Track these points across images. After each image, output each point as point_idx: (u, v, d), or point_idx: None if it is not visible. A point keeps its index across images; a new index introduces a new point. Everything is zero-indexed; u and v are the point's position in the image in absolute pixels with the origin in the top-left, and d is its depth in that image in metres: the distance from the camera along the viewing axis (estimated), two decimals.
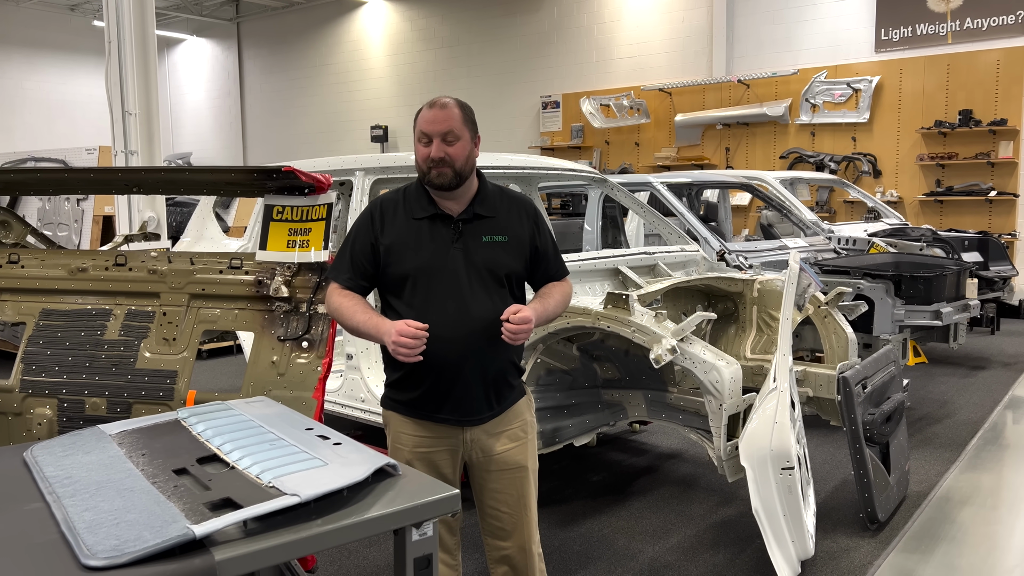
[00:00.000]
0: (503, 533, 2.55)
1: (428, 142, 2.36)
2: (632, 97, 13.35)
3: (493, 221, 2.47)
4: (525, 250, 2.51)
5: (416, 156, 2.41)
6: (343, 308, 2.37)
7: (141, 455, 1.82)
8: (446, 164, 2.35)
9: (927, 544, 3.80)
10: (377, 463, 1.70)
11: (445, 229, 2.41)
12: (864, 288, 5.48)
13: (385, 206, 2.46)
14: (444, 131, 2.36)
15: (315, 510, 1.52)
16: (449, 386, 2.40)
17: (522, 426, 2.56)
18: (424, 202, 2.44)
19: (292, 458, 1.72)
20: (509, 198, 2.55)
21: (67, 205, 7.79)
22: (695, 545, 3.80)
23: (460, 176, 2.38)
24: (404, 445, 2.47)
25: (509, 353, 2.49)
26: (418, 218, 2.42)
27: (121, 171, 2.83)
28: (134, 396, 2.65)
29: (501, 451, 2.50)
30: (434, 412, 2.43)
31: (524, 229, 2.52)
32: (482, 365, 2.41)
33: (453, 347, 2.35)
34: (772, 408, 3.15)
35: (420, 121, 2.39)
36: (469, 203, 2.45)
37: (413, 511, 1.61)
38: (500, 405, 2.49)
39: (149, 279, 2.76)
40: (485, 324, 2.38)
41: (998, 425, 5.73)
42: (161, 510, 1.49)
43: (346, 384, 4.49)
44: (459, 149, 2.37)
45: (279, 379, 2.58)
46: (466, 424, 2.45)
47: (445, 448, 2.47)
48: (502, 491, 2.52)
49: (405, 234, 2.41)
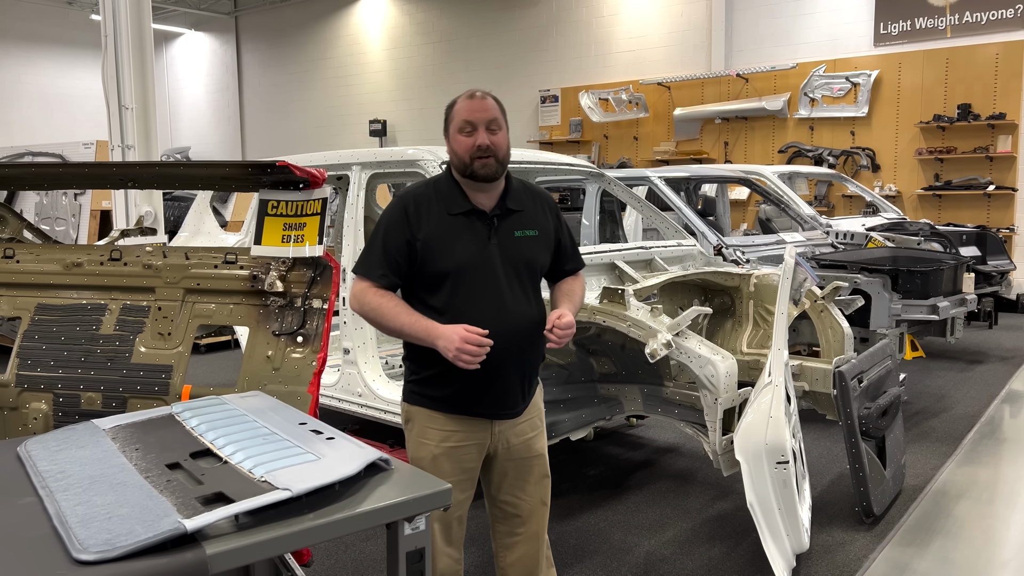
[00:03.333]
0: (518, 521, 2.57)
1: (471, 131, 2.34)
2: (631, 91, 13.33)
3: (523, 215, 2.47)
4: (551, 243, 2.53)
5: (456, 148, 2.37)
6: (383, 308, 2.32)
7: (135, 449, 1.82)
8: (491, 154, 2.34)
9: (922, 538, 3.81)
10: (369, 457, 1.70)
11: (481, 225, 2.39)
12: (861, 282, 5.48)
13: (418, 200, 2.40)
14: (489, 119, 2.36)
15: (307, 504, 1.53)
16: (489, 382, 2.38)
17: (539, 415, 2.60)
18: (459, 197, 2.41)
19: (285, 453, 1.72)
20: (532, 192, 2.56)
21: (65, 200, 7.78)
22: (691, 539, 3.81)
23: (503, 166, 2.38)
24: (431, 440, 2.44)
25: (541, 345, 2.51)
26: (454, 213, 2.39)
27: (116, 166, 2.82)
28: (129, 391, 2.65)
29: (524, 440, 2.53)
30: (471, 407, 2.42)
31: (549, 222, 2.54)
32: (520, 360, 2.43)
33: (495, 346, 2.30)
34: (767, 402, 3.16)
35: (461, 111, 2.36)
36: (500, 198, 2.44)
37: (405, 505, 1.61)
38: (529, 396, 2.53)
39: (144, 274, 2.76)
40: (523, 320, 2.40)
41: (995, 419, 5.74)
42: (153, 504, 1.49)
43: (343, 379, 4.50)
44: (502, 139, 2.38)
45: (274, 374, 2.58)
46: (500, 417, 2.47)
47: (474, 443, 2.46)
48: (522, 479, 2.54)
49: (443, 230, 2.36)
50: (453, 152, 2.39)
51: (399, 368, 5.14)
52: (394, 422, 4.26)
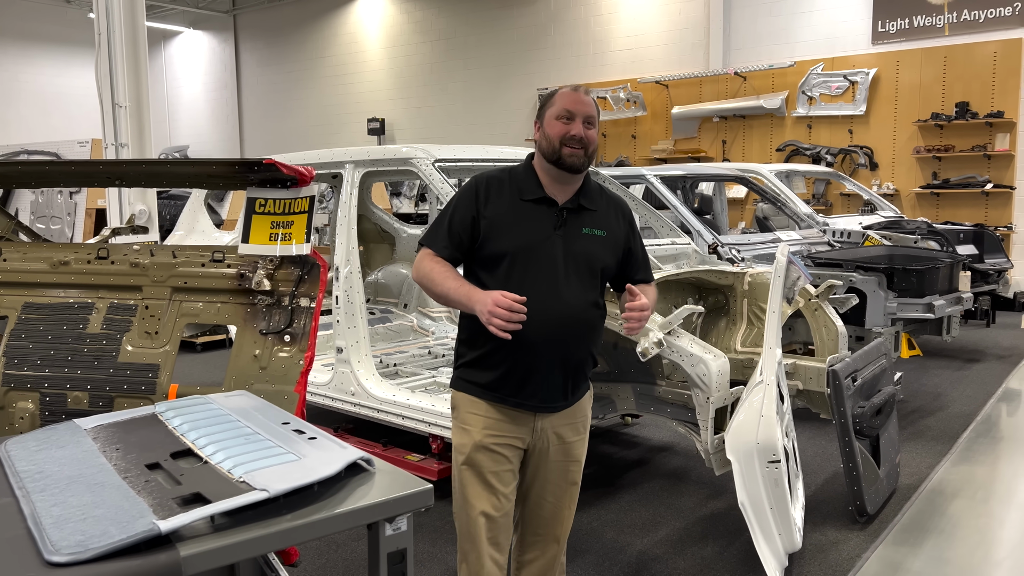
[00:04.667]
0: (540, 522, 2.56)
1: (569, 120, 2.38)
2: (629, 90, 13.32)
3: (595, 215, 2.48)
4: (619, 249, 2.53)
5: (550, 132, 2.40)
6: (434, 273, 2.37)
7: (115, 449, 1.81)
8: (582, 145, 2.37)
9: (916, 536, 3.80)
10: (350, 458, 1.69)
11: (549, 214, 2.42)
12: (856, 281, 5.47)
13: (491, 183, 2.46)
14: (589, 114, 2.39)
15: (285, 505, 1.51)
16: (530, 370, 2.38)
17: (584, 421, 2.57)
18: (533, 184, 2.45)
19: (265, 453, 1.71)
20: (608, 196, 2.57)
21: (60, 198, 7.77)
22: (684, 538, 3.80)
23: (589, 160, 2.42)
24: (472, 426, 2.44)
25: (591, 345, 2.49)
26: (526, 199, 2.42)
27: (103, 163, 2.81)
28: (116, 390, 2.63)
29: (564, 443, 2.51)
30: (511, 395, 2.41)
31: (620, 228, 2.54)
32: (566, 353, 2.41)
33: (541, 331, 2.33)
34: (758, 401, 3.14)
35: (563, 99, 2.40)
36: (575, 193, 2.46)
37: (385, 506, 1.60)
38: (574, 396, 2.50)
39: (131, 272, 2.74)
40: (575, 312, 2.39)
41: (991, 417, 5.72)
42: (130, 505, 1.48)
43: (336, 377, 4.49)
44: (594, 135, 2.42)
45: (261, 373, 2.57)
46: (541, 411, 2.44)
47: (515, 436, 2.44)
48: (555, 481, 2.53)
49: (510, 213, 2.40)
50: (545, 137, 2.42)
51: (393, 367, 5.13)
52: (388, 421, 4.25)
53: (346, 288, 4.35)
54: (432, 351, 5.56)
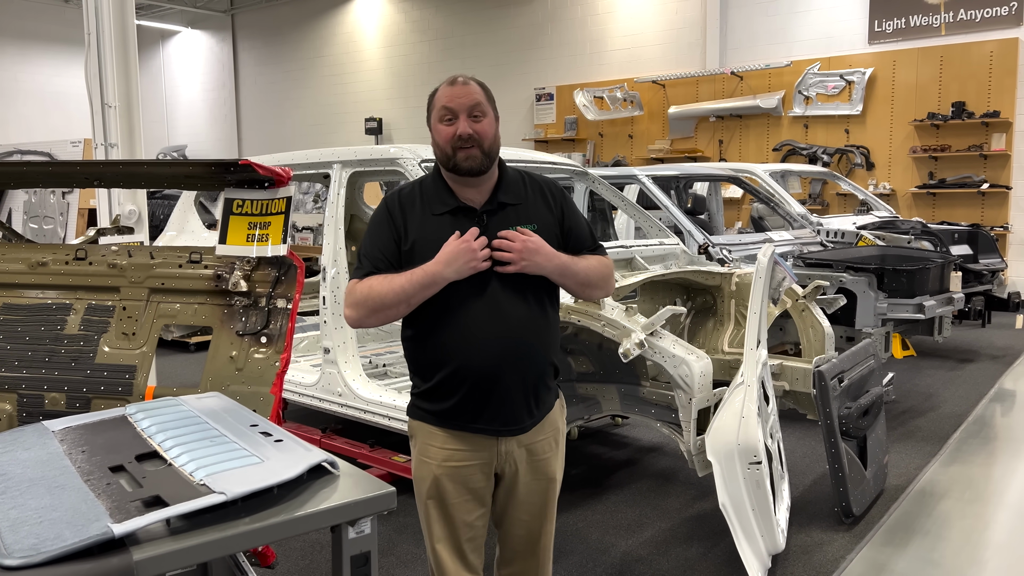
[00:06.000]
0: (519, 542, 2.42)
1: (452, 119, 2.16)
2: (626, 89, 13.31)
3: (519, 209, 2.26)
4: (556, 235, 2.29)
5: (437, 139, 2.20)
6: (376, 287, 2.14)
7: (81, 452, 1.80)
8: (474, 143, 2.15)
9: (902, 537, 3.79)
10: (313, 460, 1.68)
11: (469, 223, 2.19)
12: (846, 281, 5.46)
13: (403, 200, 2.25)
14: (470, 104, 2.16)
15: (244, 508, 1.51)
16: (487, 393, 2.20)
17: (555, 435, 2.38)
18: (444, 194, 2.24)
19: (229, 455, 1.70)
20: (532, 182, 2.34)
21: (53, 198, 7.77)
22: (668, 539, 3.79)
23: (489, 157, 2.19)
24: (432, 459, 2.27)
25: (548, 353, 2.29)
26: (438, 213, 2.21)
27: (80, 164, 2.80)
28: (93, 391, 2.63)
29: (535, 462, 2.33)
30: (470, 422, 2.23)
31: (553, 213, 2.31)
32: (521, 368, 2.21)
33: (489, 351, 2.16)
34: (739, 402, 3.13)
35: (440, 98, 2.19)
36: (492, 192, 2.25)
37: (346, 508, 1.59)
38: (539, 411, 2.30)
39: (109, 273, 2.74)
40: (521, 324, 2.19)
41: (982, 418, 5.71)
42: (87, 508, 1.47)
43: (323, 378, 4.48)
44: (486, 126, 2.18)
45: (237, 374, 2.56)
46: (504, 434, 2.25)
47: (478, 462, 2.26)
48: (527, 502, 2.36)
49: (427, 231, 2.19)
50: (435, 144, 2.22)
51: (382, 367, 5.12)
52: (374, 422, 4.24)
53: (333, 289, 4.35)
54: None
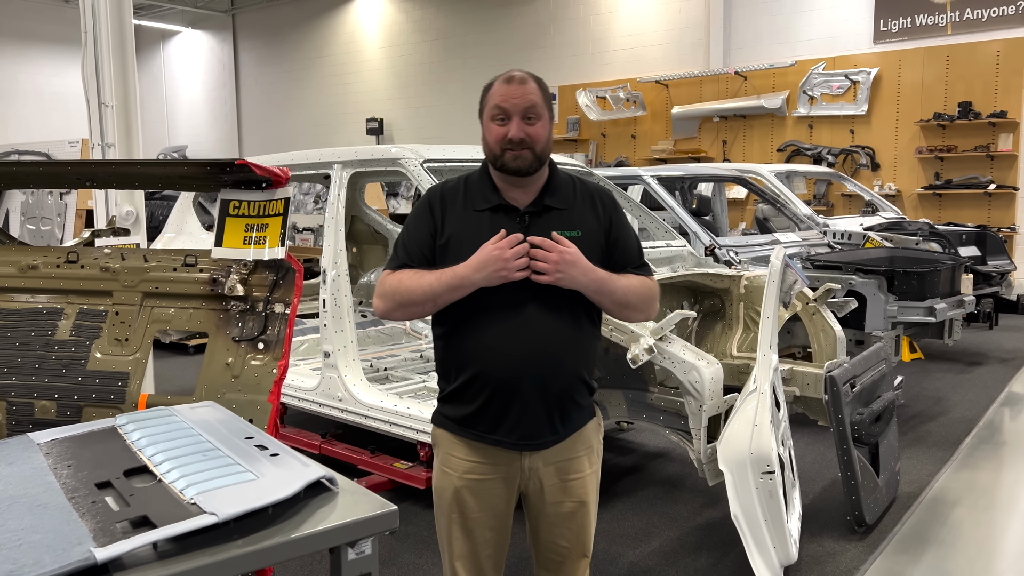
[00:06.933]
0: (556, 565, 2.32)
1: (504, 120, 2.08)
2: (628, 89, 13.22)
3: (565, 214, 2.16)
4: (601, 246, 2.18)
5: (487, 137, 2.12)
6: (405, 281, 2.09)
7: (67, 466, 1.71)
8: (526, 146, 2.07)
9: (916, 547, 3.70)
10: (310, 477, 1.59)
11: (509, 223, 2.11)
12: (856, 283, 5.37)
13: (445, 195, 2.19)
14: (526, 107, 2.07)
15: (236, 529, 1.41)
16: (506, 404, 2.11)
17: (588, 455, 2.26)
18: (487, 191, 2.16)
19: (222, 471, 1.61)
20: (583, 187, 2.24)
21: (50, 199, 7.68)
22: (677, 549, 3.70)
23: (540, 160, 2.11)
24: (453, 470, 2.19)
25: (577, 367, 2.17)
26: (479, 209, 2.14)
27: (71, 164, 2.72)
28: (84, 399, 2.54)
29: (561, 482, 2.21)
30: (488, 433, 2.15)
31: (600, 222, 2.20)
32: (544, 381, 2.11)
33: (509, 359, 2.08)
34: (752, 410, 3.04)
35: (494, 96, 2.10)
36: (539, 193, 2.17)
37: (346, 529, 1.50)
38: (565, 428, 2.19)
39: (101, 277, 2.65)
40: (548, 335, 2.09)
41: (993, 422, 5.62)
42: (70, 530, 1.38)
43: (324, 383, 4.39)
44: (540, 129, 2.10)
45: (233, 382, 2.47)
46: (525, 449, 2.16)
47: (499, 476, 2.18)
48: (559, 526, 2.25)
49: (464, 228, 2.12)
50: (485, 141, 2.14)
51: (383, 371, 5.03)
52: (375, 428, 4.15)
53: (333, 291, 4.26)
54: (424, 355, 5.46)
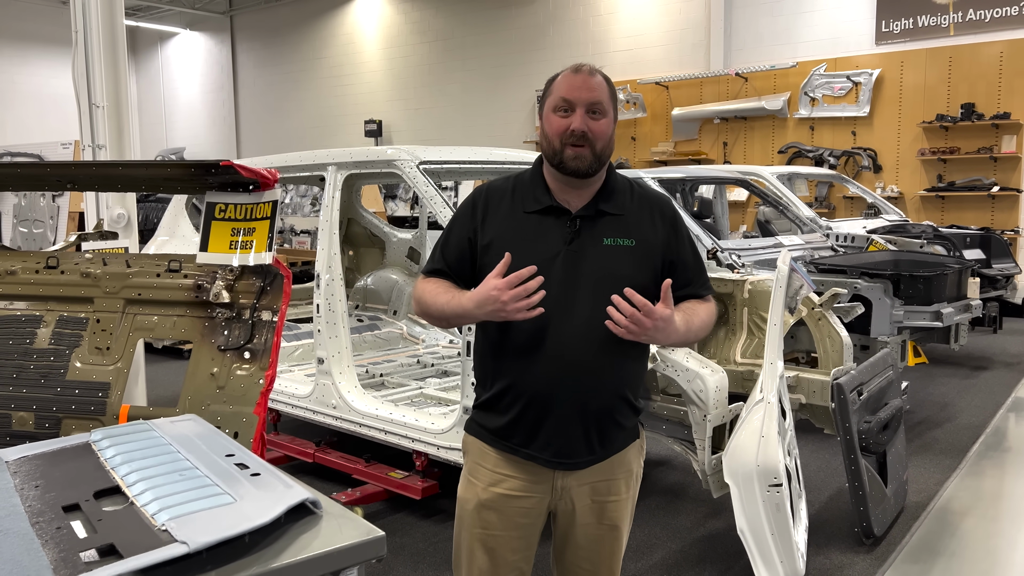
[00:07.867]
0: None
1: (567, 112, 1.95)
2: (628, 91, 13.12)
3: (620, 220, 2.02)
4: (656, 260, 2.03)
5: (547, 130, 1.98)
6: (425, 294, 2.01)
7: (34, 487, 1.61)
8: (587, 142, 1.93)
9: (925, 558, 3.60)
10: (292, 501, 1.49)
11: (560, 227, 1.99)
12: (861, 288, 5.27)
13: (491, 195, 2.07)
14: (592, 100, 1.94)
15: (209, 559, 1.31)
16: (539, 419, 1.99)
17: (626, 478, 2.12)
18: (539, 191, 2.03)
19: (198, 493, 1.51)
20: (642, 194, 2.10)
21: (43, 202, 7.58)
22: (680, 561, 3.59)
23: (599, 161, 1.97)
24: (480, 481, 2.08)
25: (620, 385, 2.03)
26: (529, 211, 2.01)
27: (51, 166, 2.62)
28: (64, 410, 2.44)
29: (595, 504, 2.08)
30: (521, 446, 2.02)
31: (658, 234, 2.05)
32: (583, 398, 1.97)
33: (546, 372, 1.95)
34: (758, 421, 2.94)
35: (559, 86, 1.98)
36: (593, 197, 2.03)
37: (329, 558, 1.39)
38: (604, 449, 2.05)
39: (82, 283, 2.54)
40: (592, 349, 1.95)
41: (1000, 429, 5.52)
42: (29, 560, 1.28)
43: (317, 390, 4.29)
44: (604, 126, 1.96)
45: (218, 393, 2.37)
46: (559, 467, 2.03)
47: (529, 495, 2.06)
48: (587, 548, 2.13)
49: (510, 229, 2.00)
50: (544, 135, 2.00)
51: (379, 377, 4.93)
52: (370, 436, 4.05)
53: (327, 296, 4.16)
54: (421, 360, 5.36)
